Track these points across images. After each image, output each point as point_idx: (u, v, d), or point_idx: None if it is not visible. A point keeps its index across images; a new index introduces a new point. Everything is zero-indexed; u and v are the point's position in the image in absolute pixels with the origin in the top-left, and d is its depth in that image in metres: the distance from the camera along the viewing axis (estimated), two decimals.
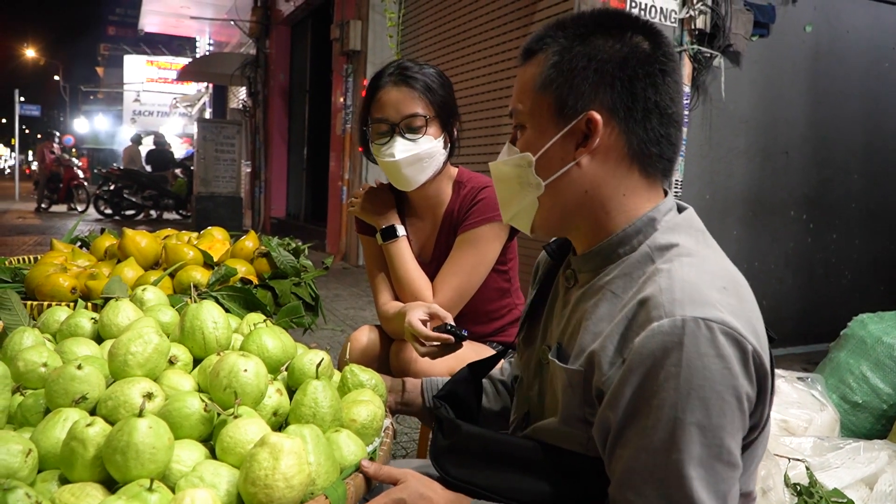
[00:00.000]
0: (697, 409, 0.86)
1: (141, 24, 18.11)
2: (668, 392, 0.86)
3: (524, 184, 1.08)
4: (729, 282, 0.96)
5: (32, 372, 1.19)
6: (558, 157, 1.04)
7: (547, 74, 1.03)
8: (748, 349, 0.87)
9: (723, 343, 0.86)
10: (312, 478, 1.01)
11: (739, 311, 0.90)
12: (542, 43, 1.06)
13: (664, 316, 0.88)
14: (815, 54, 5.12)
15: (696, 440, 0.86)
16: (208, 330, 1.31)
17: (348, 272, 8.04)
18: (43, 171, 16.95)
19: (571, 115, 1.02)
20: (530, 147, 1.07)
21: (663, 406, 0.87)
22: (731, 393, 0.86)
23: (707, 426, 0.86)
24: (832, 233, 5.38)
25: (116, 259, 2.06)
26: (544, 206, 1.08)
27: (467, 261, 1.89)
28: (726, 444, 0.87)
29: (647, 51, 1.02)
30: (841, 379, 2.81)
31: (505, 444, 1.11)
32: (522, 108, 1.08)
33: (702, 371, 0.85)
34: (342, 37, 8.48)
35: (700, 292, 0.90)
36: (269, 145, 13.02)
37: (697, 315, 0.87)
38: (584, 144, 1.03)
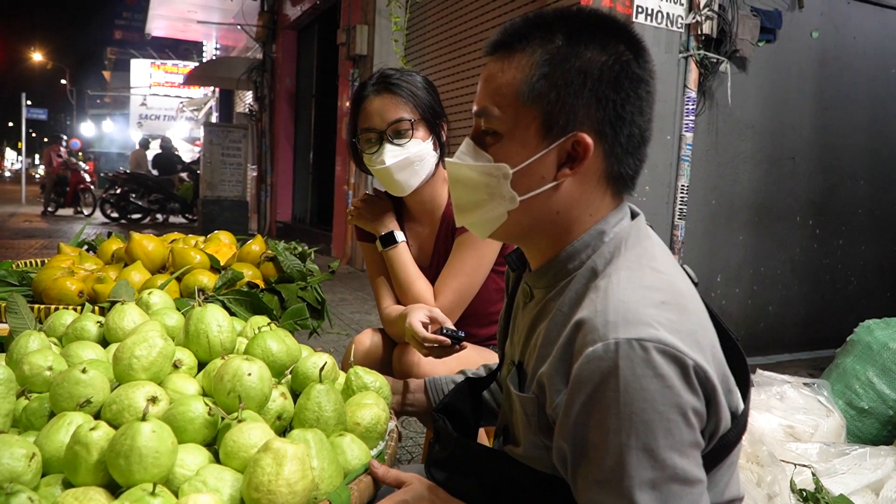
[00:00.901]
0: (642, 433, 0.83)
1: (148, 29, 18.21)
2: (610, 419, 0.84)
3: (495, 195, 1.01)
4: (670, 295, 0.91)
5: (38, 376, 1.19)
6: (538, 175, 0.99)
7: (535, 86, 0.96)
8: (688, 364, 0.84)
9: (659, 362, 0.83)
10: (316, 483, 1.01)
11: (679, 325, 0.87)
12: (523, 41, 0.98)
13: (598, 340, 0.85)
14: (822, 60, 5.11)
15: (645, 464, 0.83)
16: (213, 334, 1.31)
17: (354, 276, 8.04)
18: (50, 174, 17.00)
19: (559, 133, 0.97)
20: (508, 159, 0.99)
21: (608, 433, 0.84)
22: (675, 411, 0.83)
23: (654, 448, 0.83)
24: (838, 239, 5.36)
25: (123, 263, 2.07)
26: (512, 220, 1.02)
27: (467, 262, 1.90)
28: (678, 462, 0.84)
29: (637, 70, 0.97)
30: (847, 385, 2.80)
31: (491, 459, 1.10)
32: (500, 115, 0.99)
33: (640, 393, 0.83)
34: (348, 41, 8.50)
35: (634, 312, 0.86)
36: (275, 149, 13.04)
37: (631, 336, 0.84)
38: (568, 165, 0.98)
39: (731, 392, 0.93)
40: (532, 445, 1.02)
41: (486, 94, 1.01)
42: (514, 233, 1.05)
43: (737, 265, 4.91)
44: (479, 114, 1.02)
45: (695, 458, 0.86)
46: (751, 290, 4.99)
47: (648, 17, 4.33)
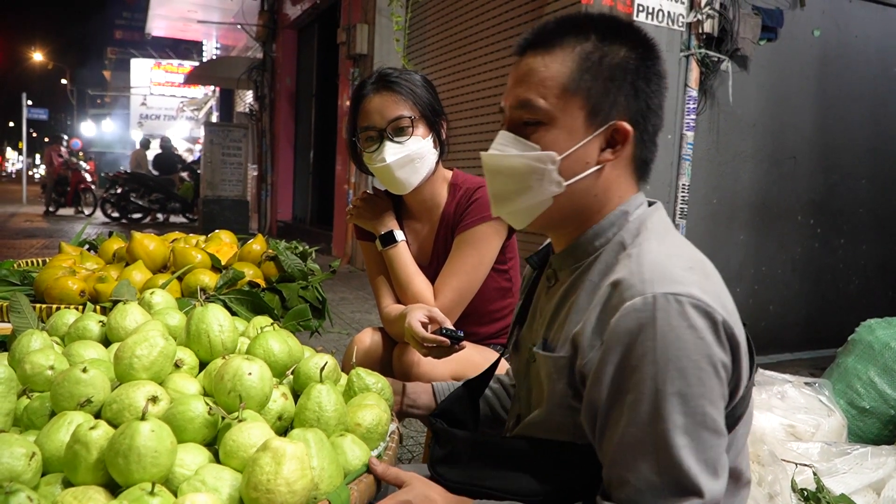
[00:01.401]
0: (676, 379, 0.89)
1: (148, 28, 18.21)
2: (647, 366, 0.90)
3: (543, 181, 1.08)
4: (695, 262, 1.00)
5: (39, 375, 1.19)
6: (583, 161, 1.07)
7: (582, 78, 1.05)
8: (718, 319, 0.92)
9: (693, 315, 0.91)
10: (315, 482, 1.01)
11: (705, 286, 0.94)
12: (559, 38, 1.07)
13: (636, 294, 0.93)
14: (824, 59, 5.10)
15: (679, 409, 0.89)
16: (214, 333, 1.31)
17: (354, 275, 8.04)
18: (50, 174, 17.01)
19: (603, 121, 1.06)
20: (555, 146, 1.07)
21: (644, 380, 0.90)
22: (707, 361, 0.90)
23: (688, 395, 0.89)
24: (840, 238, 5.36)
25: (125, 262, 2.07)
26: (557, 205, 1.09)
27: (467, 261, 1.90)
28: (708, 411, 0.90)
29: (660, 68, 1.09)
30: (848, 384, 2.79)
31: (496, 445, 1.14)
32: (546, 105, 1.06)
33: (676, 342, 0.90)
34: (349, 41, 8.50)
35: (667, 271, 0.95)
36: (275, 149, 13.04)
37: (667, 290, 0.92)
38: (609, 150, 1.07)
39: (745, 357, 0.99)
40: (558, 405, 1.06)
41: (527, 87, 1.08)
42: (555, 218, 1.12)
43: (738, 264, 4.91)
44: (521, 105, 1.09)
45: (721, 412, 0.93)
46: (752, 289, 4.99)
47: (649, 16, 4.33)
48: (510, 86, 1.12)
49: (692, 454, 0.89)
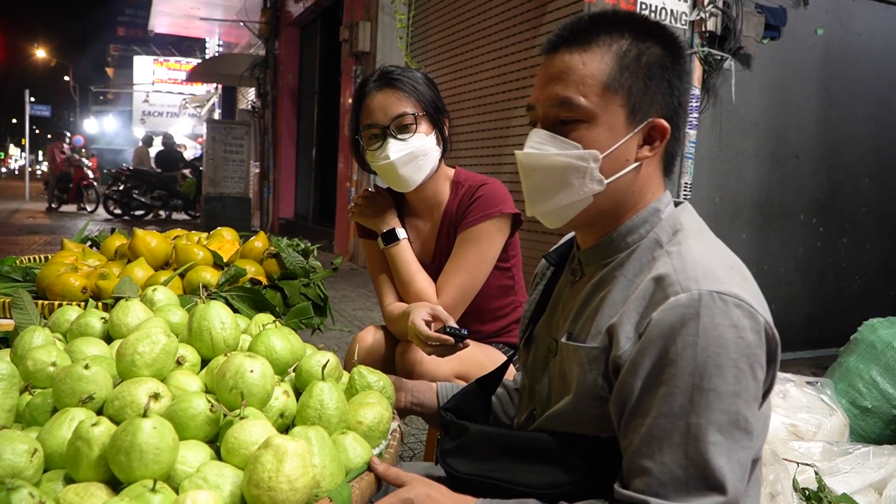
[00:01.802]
0: (715, 376, 0.90)
1: (151, 25, 18.20)
2: (686, 360, 0.91)
3: (583, 179, 1.07)
4: (734, 264, 1.02)
5: (41, 371, 1.19)
6: (623, 158, 1.07)
7: (622, 75, 1.05)
8: (760, 321, 0.94)
9: (736, 314, 0.92)
10: (317, 480, 1.01)
11: (747, 287, 0.97)
12: (594, 35, 1.07)
13: (681, 291, 0.94)
14: (827, 57, 5.09)
15: (715, 406, 0.90)
16: (216, 330, 1.31)
17: (356, 273, 8.04)
18: (53, 171, 17.03)
19: (642, 118, 1.07)
20: (596, 144, 1.06)
21: (682, 373, 0.91)
22: (746, 361, 0.91)
23: (724, 392, 0.90)
24: (842, 237, 5.35)
25: (127, 259, 2.07)
26: (596, 202, 1.09)
27: (469, 259, 1.89)
28: (742, 411, 0.91)
29: (687, 66, 1.11)
30: (850, 384, 2.79)
31: (511, 437, 1.13)
32: (586, 103, 1.06)
33: (717, 340, 0.91)
34: (351, 38, 8.49)
35: (711, 269, 0.96)
36: (277, 146, 13.05)
37: (712, 289, 0.93)
38: (647, 147, 1.08)
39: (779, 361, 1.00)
40: (587, 395, 1.06)
41: (565, 84, 1.07)
42: (593, 216, 1.11)
43: None
44: (559, 103, 1.07)
45: (754, 413, 0.93)
46: None
47: (652, 14, 4.32)
48: (542, 83, 1.10)
49: (723, 453, 0.90)
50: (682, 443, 0.91)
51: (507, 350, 2.00)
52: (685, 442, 0.91)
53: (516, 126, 5.71)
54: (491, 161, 5.99)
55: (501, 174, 5.67)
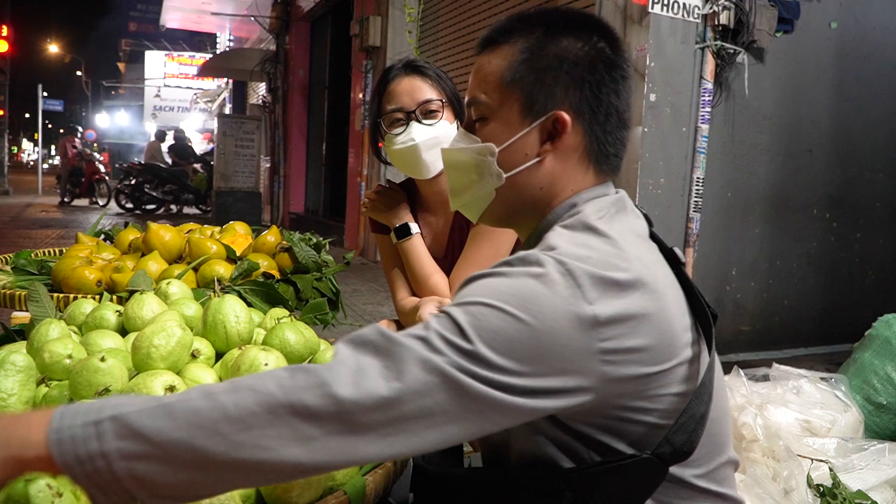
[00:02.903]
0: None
1: (162, 20, 18.26)
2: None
3: (483, 173, 1.09)
4: (626, 272, 0.89)
5: (58, 363, 1.20)
6: (522, 152, 1.06)
7: (517, 70, 1.04)
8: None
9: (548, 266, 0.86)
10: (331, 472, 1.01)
11: (589, 261, 0.88)
12: (507, 35, 1.07)
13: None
14: (841, 51, 5.05)
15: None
16: (230, 324, 1.32)
17: (366, 267, 8.05)
18: (65, 165, 17.12)
19: (540, 112, 1.04)
20: (494, 138, 1.07)
21: None
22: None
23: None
24: (856, 232, 5.31)
25: (140, 252, 2.08)
26: (500, 197, 1.09)
27: (483, 253, 1.89)
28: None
29: (611, 56, 1.05)
30: (865, 380, 2.77)
31: (479, 477, 1.04)
32: (486, 100, 1.08)
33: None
34: (362, 33, 8.49)
35: (570, 251, 0.89)
36: (288, 141, 13.07)
37: (556, 258, 0.87)
38: (550, 142, 1.05)
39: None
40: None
41: (474, 84, 1.10)
42: (502, 211, 1.12)
43: (752, 258, 4.88)
44: (469, 104, 1.11)
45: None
46: (766, 283, 4.95)
47: (665, 8, 4.30)
48: (468, 87, 1.13)
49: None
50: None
51: None
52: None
53: None
54: None
55: None
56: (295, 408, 0.77)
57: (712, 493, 0.98)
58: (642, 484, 0.91)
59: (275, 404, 0.77)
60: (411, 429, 0.79)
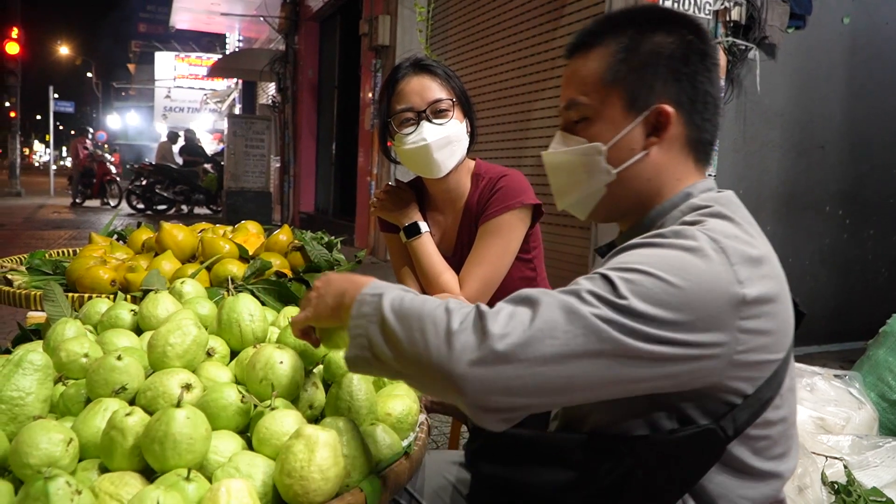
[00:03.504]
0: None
1: (172, 21, 18.32)
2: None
3: (593, 172, 1.13)
4: (760, 256, 0.97)
5: (74, 362, 1.21)
6: (629, 147, 1.10)
7: (616, 70, 1.09)
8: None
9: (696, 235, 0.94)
10: (348, 470, 1.01)
11: (757, 272, 0.94)
12: (597, 38, 1.12)
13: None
14: (853, 47, 5.01)
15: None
16: (245, 322, 1.32)
17: (377, 266, 8.06)
18: (76, 166, 17.23)
19: (642, 107, 1.09)
20: (600, 137, 1.11)
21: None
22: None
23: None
24: (869, 229, 5.28)
25: (154, 252, 2.09)
26: (610, 192, 1.14)
27: (491, 250, 1.89)
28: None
29: (701, 46, 1.10)
30: (879, 377, 2.75)
31: (534, 438, 1.10)
32: (587, 101, 1.12)
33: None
34: (371, 32, 8.50)
35: (722, 234, 0.95)
36: (298, 140, 13.10)
37: (712, 236, 0.94)
38: (655, 134, 1.10)
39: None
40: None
41: (571, 88, 1.14)
42: (612, 205, 1.16)
43: None
44: (567, 107, 1.15)
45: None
46: None
47: (676, 4, 4.28)
48: (562, 90, 1.18)
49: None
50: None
51: None
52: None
53: (537, 119, 5.69)
54: (512, 154, 5.97)
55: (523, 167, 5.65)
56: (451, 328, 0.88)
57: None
58: (701, 457, 0.97)
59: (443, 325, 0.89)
60: (545, 371, 0.86)
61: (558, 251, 5.25)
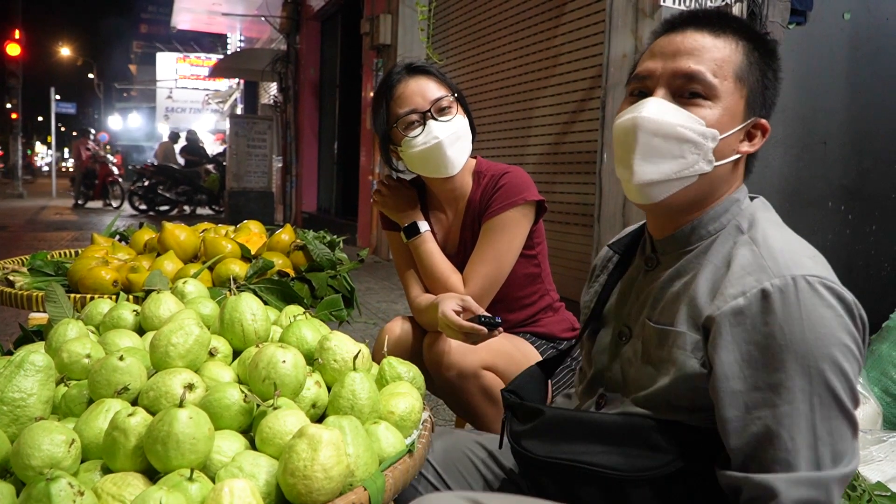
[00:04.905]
0: (824, 357, 0.93)
1: (173, 22, 18.32)
2: (795, 344, 0.94)
3: (697, 155, 1.09)
4: (814, 252, 1.05)
5: (76, 363, 1.21)
6: (731, 146, 1.10)
7: (749, 68, 1.10)
8: (848, 298, 0.98)
9: (829, 296, 0.96)
10: (351, 469, 1.01)
11: (829, 273, 1.00)
12: (723, 27, 1.11)
13: (774, 277, 0.97)
14: (854, 42, 5.00)
15: (829, 384, 0.94)
16: (247, 322, 1.32)
17: (379, 265, 8.06)
18: (78, 168, 17.25)
19: (753, 113, 1.12)
20: (718, 125, 1.08)
21: (793, 359, 0.94)
22: (849, 338, 0.96)
23: (836, 370, 0.94)
24: (872, 224, 5.26)
25: (156, 252, 2.09)
26: (698, 183, 1.10)
27: (495, 248, 1.89)
28: (853, 384, 0.95)
29: (779, 71, 1.16)
30: (883, 371, 2.75)
31: (591, 420, 1.12)
32: (716, 83, 1.08)
33: (819, 321, 0.94)
34: (372, 31, 8.49)
35: (797, 257, 1.00)
36: (299, 140, 13.10)
37: (799, 273, 0.96)
38: (748, 142, 1.12)
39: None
40: (683, 382, 1.05)
41: (698, 60, 1.09)
42: (690, 196, 1.12)
43: None
44: (689, 76, 1.09)
45: (856, 391, 0.98)
46: None
47: (676, 1, 4.27)
48: (669, 54, 1.11)
49: (841, 424, 0.94)
50: (808, 425, 0.93)
51: (535, 342, 1.99)
52: (811, 424, 0.93)
53: (538, 116, 5.68)
54: (514, 152, 5.97)
55: (525, 164, 5.65)
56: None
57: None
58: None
59: None
60: None
61: (562, 248, 5.25)
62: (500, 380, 1.81)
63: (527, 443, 1.15)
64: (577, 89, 5.23)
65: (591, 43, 5.05)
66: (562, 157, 5.41)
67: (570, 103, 5.30)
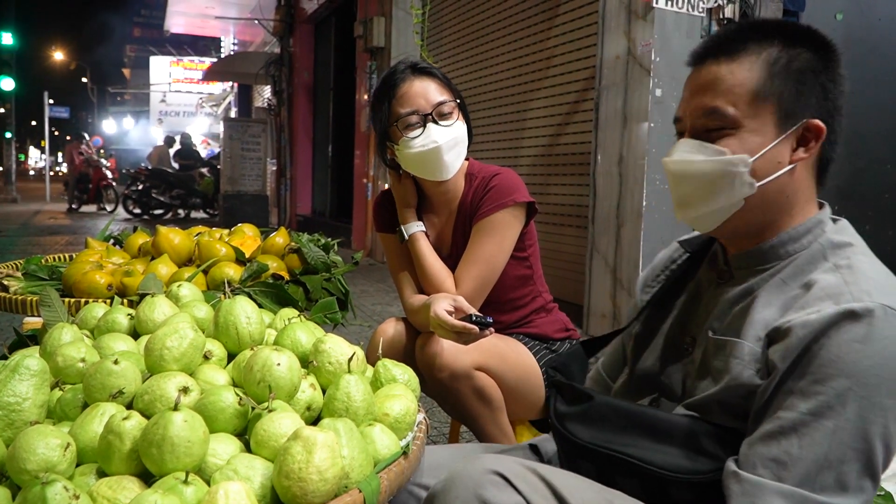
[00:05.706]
0: (886, 393, 0.91)
1: (166, 25, 18.32)
2: (858, 374, 0.92)
3: (732, 183, 1.08)
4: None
5: (71, 367, 1.21)
6: (775, 161, 1.08)
7: (773, 80, 1.07)
8: None
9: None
10: (346, 471, 1.01)
11: None
12: (741, 45, 1.09)
13: (853, 300, 0.95)
14: (847, 43, 5.02)
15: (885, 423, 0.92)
16: (242, 325, 1.32)
17: (374, 268, 8.07)
18: (72, 172, 17.21)
19: (794, 120, 1.08)
20: (745, 149, 1.07)
21: (848, 386, 0.92)
22: None
23: (891, 408, 0.92)
24: (865, 224, 5.28)
25: (150, 256, 2.09)
26: (748, 206, 1.10)
27: (485, 249, 1.89)
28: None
29: (841, 70, 1.11)
30: None
31: (644, 414, 1.12)
32: (734, 112, 1.08)
33: (893, 353, 0.92)
34: (365, 34, 8.50)
35: (883, 285, 0.98)
36: (294, 143, 13.09)
37: (884, 302, 0.94)
38: (802, 148, 1.09)
39: None
40: (735, 391, 1.05)
41: (713, 95, 1.10)
42: (744, 221, 1.11)
43: None
44: (707, 113, 1.10)
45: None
46: None
47: (669, 2, 4.29)
48: (690, 94, 1.14)
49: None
50: (860, 454, 0.92)
51: (528, 342, 1.99)
52: (861, 454, 0.92)
53: (532, 118, 5.69)
54: (508, 153, 5.98)
55: (519, 167, 5.67)
56: None
57: None
58: None
59: None
60: None
61: (556, 249, 5.26)
62: (492, 380, 1.81)
63: (572, 426, 1.15)
64: (570, 91, 5.25)
65: (585, 45, 5.07)
66: (556, 158, 5.42)
67: (564, 105, 5.32)
